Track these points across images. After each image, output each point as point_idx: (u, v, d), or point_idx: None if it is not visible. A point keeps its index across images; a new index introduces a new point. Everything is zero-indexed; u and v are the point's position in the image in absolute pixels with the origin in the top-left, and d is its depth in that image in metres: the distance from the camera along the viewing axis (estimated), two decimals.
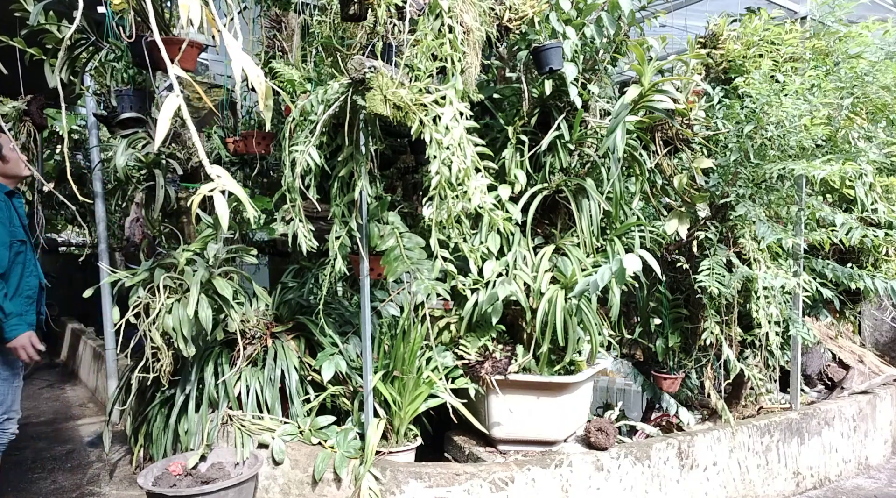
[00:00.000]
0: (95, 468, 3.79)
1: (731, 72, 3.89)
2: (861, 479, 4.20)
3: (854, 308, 4.88)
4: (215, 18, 1.20)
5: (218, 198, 1.09)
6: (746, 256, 3.53)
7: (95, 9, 3.17)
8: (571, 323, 3.15)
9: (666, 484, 3.36)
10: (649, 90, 2.85)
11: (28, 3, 3.16)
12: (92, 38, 3.24)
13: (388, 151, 3.82)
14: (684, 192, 3.62)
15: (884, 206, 3.57)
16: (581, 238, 3.35)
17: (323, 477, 2.93)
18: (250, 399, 3.18)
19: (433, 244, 2.60)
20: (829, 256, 4.29)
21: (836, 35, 3.72)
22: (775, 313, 3.46)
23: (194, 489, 2.69)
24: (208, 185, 1.06)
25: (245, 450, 2.97)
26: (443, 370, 3.23)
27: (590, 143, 3.45)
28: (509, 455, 3.25)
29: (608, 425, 3.24)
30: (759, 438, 3.74)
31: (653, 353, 3.98)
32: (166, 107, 1.07)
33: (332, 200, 2.89)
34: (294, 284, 3.91)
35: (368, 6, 2.58)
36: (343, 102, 2.66)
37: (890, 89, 3.36)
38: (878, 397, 4.47)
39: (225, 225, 1.12)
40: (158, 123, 1.08)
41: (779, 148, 3.33)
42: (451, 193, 2.42)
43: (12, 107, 3.84)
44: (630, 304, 4.19)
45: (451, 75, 2.51)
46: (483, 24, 2.76)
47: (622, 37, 3.33)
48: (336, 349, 3.36)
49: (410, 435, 3.25)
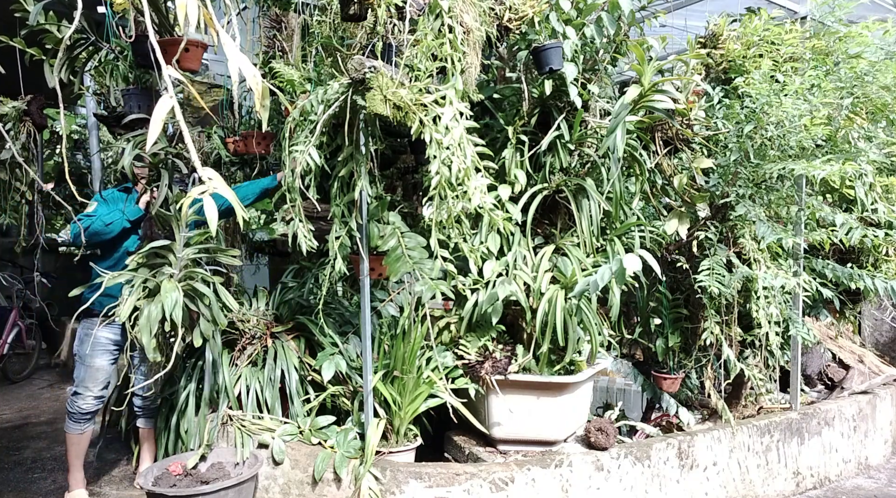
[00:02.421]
0: (95, 468, 3.78)
1: (731, 72, 3.89)
2: (861, 479, 4.20)
3: (854, 308, 4.88)
4: (213, 18, 1.20)
5: (208, 201, 1.09)
6: (746, 256, 3.53)
7: (95, 9, 3.16)
8: (571, 323, 3.15)
9: (666, 484, 3.36)
10: (649, 90, 2.84)
11: (28, 3, 3.16)
12: (92, 38, 3.24)
13: (388, 151, 3.82)
14: (684, 192, 3.62)
15: (884, 206, 3.57)
16: (581, 238, 3.35)
17: (323, 477, 2.93)
18: (250, 399, 3.18)
19: (433, 244, 2.60)
20: (829, 256, 4.28)
21: (836, 35, 3.71)
22: (775, 313, 3.46)
23: (194, 489, 2.69)
24: (198, 188, 1.06)
25: (245, 450, 2.97)
26: (443, 370, 3.23)
27: (590, 143, 3.45)
28: (509, 455, 3.25)
29: (608, 425, 3.24)
30: (759, 438, 3.74)
31: (653, 353, 3.98)
32: (159, 108, 1.07)
33: (332, 200, 2.89)
34: (294, 284, 3.91)
35: (368, 6, 2.58)
36: (343, 102, 2.66)
37: (890, 89, 3.36)
38: (878, 397, 4.46)
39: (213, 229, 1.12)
40: (151, 125, 1.08)
41: (779, 148, 3.32)
42: (451, 193, 2.42)
43: (12, 107, 3.83)
44: (630, 304, 4.19)
45: (451, 75, 2.51)
46: (483, 24, 2.76)
47: (622, 37, 3.32)
48: (336, 349, 3.36)
49: (410, 435, 3.25)
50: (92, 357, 3.14)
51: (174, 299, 2.61)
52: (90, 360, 3.14)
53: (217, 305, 2.83)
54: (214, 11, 1.24)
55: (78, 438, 3.21)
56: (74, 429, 3.18)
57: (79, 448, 3.23)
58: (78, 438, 3.20)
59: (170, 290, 2.64)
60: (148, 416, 3.42)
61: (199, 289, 2.79)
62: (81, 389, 3.15)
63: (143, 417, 3.44)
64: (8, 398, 5.38)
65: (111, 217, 3.07)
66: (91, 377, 3.15)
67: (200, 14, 1.17)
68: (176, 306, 2.60)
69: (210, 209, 1.09)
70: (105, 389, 3.24)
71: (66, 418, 3.20)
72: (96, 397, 3.18)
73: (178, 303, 2.62)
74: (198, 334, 2.79)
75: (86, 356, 3.14)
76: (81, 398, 3.14)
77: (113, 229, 3.07)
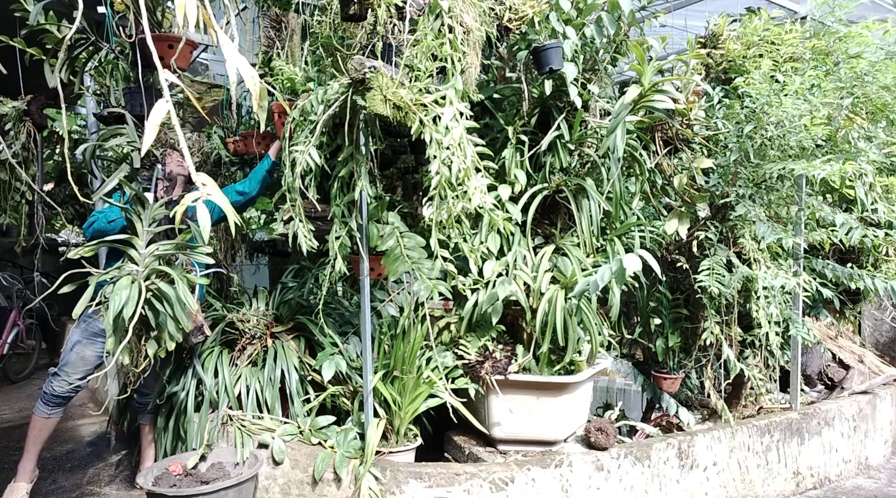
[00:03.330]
0: (95, 468, 3.79)
1: (731, 72, 3.89)
2: (861, 479, 4.20)
3: (854, 308, 4.88)
4: (212, 18, 1.20)
5: (201, 208, 1.09)
6: (746, 256, 3.53)
7: (95, 9, 3.16)
8: (571, 323, 3.15)
9: (666, 484, 3.36)
10: (649, 90, 2.84)
11: (28, 3, 3.16)
12: (92, 38, 3.24)
13: (388, 151, 3.82)
14: (684, 192, 3.62)
15: (884, 206, 3.56)
16: (581, 238, 3.35)
17: (323, 477, 2.93)
18: (250, 399, 3.18)
19: (433, 244, 2.60)
20: (829, 255, 4.28)
21: (836, 35, 3.72)
22: (775, 313, 3.46)
23: (194, 489, 2.69)
24: (191, 194, 1.06)
25: (245, 450, 2.97)
26: (443, 370, 3.23)
27: (590, 143, 3.45)
28: (509, 455, 3.25)
29: (608, 425, 3.24)
30: (759, 438, 3.73)
31: (653, 353, 3.98)
32: (155, 112, 1.06)
33: (332, 200, 2.89)
34: (294, 284, 3.91)
35: (368, 6, 2.58)
36: (343, 102, 2.66)
37: (890, 89, 3.36)
38: (878, 397, 4.46)
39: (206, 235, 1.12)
40: (146, 128, 1.07)
41: (779, 148, 3.32)
42: (451, 193, 2.42)
43: (12, 107, 3.83)
44: (630, 304, 4.19)
45: (451, 75, 2.51)
46: (483, 24, 2.76)
47: (622, 37, 3.32)
48: (336, 349, 3.36)
49: (410, 435, 3.25)
50: (82, 345, 3.15)
51: (124, 297, 2.46)
52: (80, 347, 3.15)
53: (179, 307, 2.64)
54: (213, 12, 1.24)
55: (43, 423, 3.19)
56: (42, 411, 3.18)
57: (41, 434, 3.21)
58: (43, 422, 3.19)
59: (122, 287, 2.51)
60: (149, 412, 3.42)
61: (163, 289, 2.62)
62: (62, 373, 3.15)
63: (144, 414, 3.44)
64: (8, 398, 5.39)
65: (114, 214, 3.07)
66: (73, 364, 3.15)
67: (199, 14, 1.17)
68: (128, 304, 2.45)
69: (203, 217, 1.09)
70: (83, 380, 3.22)
71: (38, 400, 3.18)
72: (71, 384, 3.16)
73: (132, 300, 2.47)
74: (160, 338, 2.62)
75: (77, 343, 3.15)
76: (58, 381, 3.14)
77: (115, 227, 3.07)
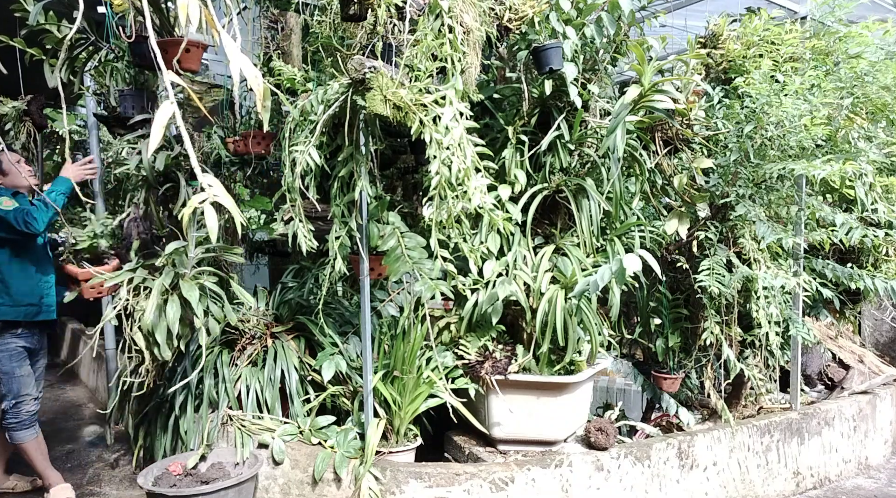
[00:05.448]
0: (96, 468, 3.79)
1: (731, 72, 3.89)
2: (861, 479, 4.20)
3: (854, 308, 4.88)
4: (214, 19, 1.20)
5: (208, 210, 1.09)
6: (746, 256, 3.53)
7: (95, 9, 3.17)
8: (571, 323, 3.15)
9: (666, 484, 3.36)
10: (649, 90, 2.85)
11: (28, 3, 3.16)
12: (92, 38, 3.24)
13: (388, 151, 3.82)
14: (684, 192, 3.62)
15: (884, 206, 3.57)
16: (581, 238, 3.35)
17: (323, 477, 2.93)
18: (250, 399, 3.18)
19: (433, 244, 2.60)
20: (829, 255, 4.28)
21: (836, 35, 3.72)
22: (775, 313, 3.46)
23: (194, 489, 2.69)
24: (198, 196, 1.06)
25: (245, 450, 2.97)
26: (443, 370, 3.23)
27: (590, 143, 3.45)
28: (509, 455, 3.25)
29: (608, 425, 3.24)
30: (759, 438, 3.74)
31: (653, 353, 3.98)
32: (160, 114, 1.06)
33: (332, 200, 2.89)
34: (294, 284, 3.91)
35: (368, 6, 2.58)
36: (343, 102, 2.66)
37: (890, 89, 3.36)
38: (878, 397, 4.47)
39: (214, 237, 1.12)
40: (152, 131, 1.07)
41: (779, 148, 3.33)
42: (451, 193, 2.42)
43: (12, 107, 3.84)
44: (630, 304, 4.19)
45: (451, 75, 2.51)
46: (483, 24, 2.76)
47: (622, 37, 3.32)
48: (336, 349, 3.36)
49: (410, 435, 3.25)
50: (13, 364, 3.22)
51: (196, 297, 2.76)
52: (12, 367, 3.22)
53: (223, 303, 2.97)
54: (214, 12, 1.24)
55: (36, 443, 3.31)
56: (28, 436, 3.27)
57: (39, 451, 3.33)
58: (35, 442, 3.30)
59: (189, 288, 2.77)
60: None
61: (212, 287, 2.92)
62: (22, 397, 3.23)
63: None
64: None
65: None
66: (25, 384, 3.24)
67: (202, 14, 1.17)
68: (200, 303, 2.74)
69: (211, 219, 1.09)
70: (39, 389, 3.36)
71: (12, 432, 3.24)
72: (35, 398, 3.29)
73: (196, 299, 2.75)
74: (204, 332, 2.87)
75: (10, 367, 3.21)
76: (25, 404, 3.24)
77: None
